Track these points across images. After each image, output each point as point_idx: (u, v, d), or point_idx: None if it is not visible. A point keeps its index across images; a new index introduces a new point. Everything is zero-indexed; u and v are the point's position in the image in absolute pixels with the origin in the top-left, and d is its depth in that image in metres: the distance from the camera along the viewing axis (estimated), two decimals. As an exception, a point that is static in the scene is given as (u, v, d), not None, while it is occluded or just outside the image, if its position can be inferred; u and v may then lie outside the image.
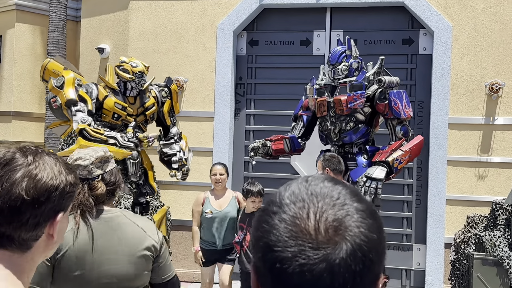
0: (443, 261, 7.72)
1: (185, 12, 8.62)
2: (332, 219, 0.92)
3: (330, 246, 0.90)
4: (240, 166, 8.42)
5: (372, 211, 0.96)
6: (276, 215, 0.94)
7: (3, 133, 10.79)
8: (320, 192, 0.95)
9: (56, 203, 1.38)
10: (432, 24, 7.82)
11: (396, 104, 5.60)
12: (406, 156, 5.55)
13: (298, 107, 6.32)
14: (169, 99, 5.96)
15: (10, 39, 10.84)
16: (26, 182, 1.34)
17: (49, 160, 1.41)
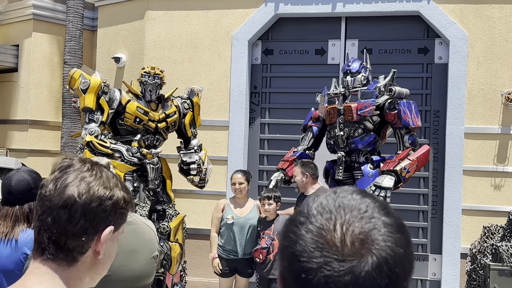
0: (459, 272, 7.67)
1: (200, 21, 8.67)
2: (359, 232, 0.92)
3: (355, 259, 0.90)
4: (255, 175, 8.42)
5: (400, 225, 0.95)
6: (303, 226, 0.95)
7: (20, 142, 10.89)
8: (348, 204, 0.95)
9: (107, 214, 1.37)
10: (448, 33, 7.81)
11: (405, 114, 5.63)
12: (414, 165, 5.59)
13: (308, 118, 6.38)
14: (191, 111, 5.99)
15: (27, 48, 10.96)
16: (80, 185, 1.35)
17: (106, 172, 1.43)
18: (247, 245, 6.17)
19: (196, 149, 5.99)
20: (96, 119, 5.37)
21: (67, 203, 1.33)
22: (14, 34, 11.26)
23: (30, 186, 3.27)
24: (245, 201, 6.35)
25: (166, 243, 5.69)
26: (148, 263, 2.93)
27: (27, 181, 3.28)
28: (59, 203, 1.34)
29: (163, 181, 5.88)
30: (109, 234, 1.38)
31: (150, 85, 5.68)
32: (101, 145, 5.26)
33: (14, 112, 11.08)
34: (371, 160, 5.78)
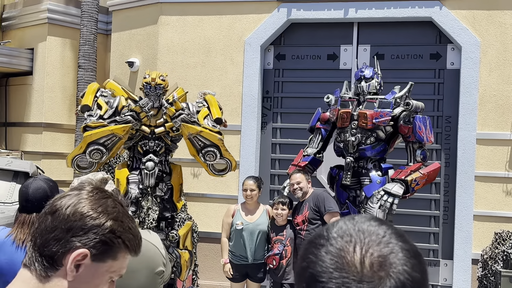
0: (470, 277, 7.66)
1: (213, 26, 8.74)
2: (378, 255, 0.94)
3: (374, 281, 0.92)
4: (267, 179, 8.46)
5: (416, 252, 0.98)
6: (323, 248, 0.97)
7: (34, 144, 11.01)
8: (367, 229, 0.99)
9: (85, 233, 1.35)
10: (460, 39, 7.82)
11: (421, 129, 5.67)
12: (423, 179, 5.66)
13: (315, 119, 6.36)
14: (205, 106, 5.82)
15: (42, 52, 11.07)
16: (71, 199, 1.40)
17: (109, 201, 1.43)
18: (257, 251, 6.20)
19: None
20: (94, 114, 5.43)
21: (53, 210, 1.39)
22: (29, 38, 11.38)
23: (47, 194, 3.31)
24: (256, 207, 6.38)
25: (176, 251, 5.71)
26: (150, 281, 2.91)
27: (44, 189, 3.34)
28: (48, 209, 1.40)
29: (170, 189, 5.80)
30: (80, 256, 1.34)
31: (152, 96, 5.61)
32: (96, 123, 5.35)
33: (28, 115, 11.19)
34: (380, 167, 5.82)
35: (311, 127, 6.42)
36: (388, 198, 5.55)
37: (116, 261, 1.39)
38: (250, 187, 6.27)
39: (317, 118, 6.32)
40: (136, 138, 5.65)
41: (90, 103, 5.44)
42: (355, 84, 6.00)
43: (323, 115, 6.24)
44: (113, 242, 1.37)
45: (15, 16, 11.62)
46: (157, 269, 2.97)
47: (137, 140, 5.67)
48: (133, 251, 1.43)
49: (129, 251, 1.41)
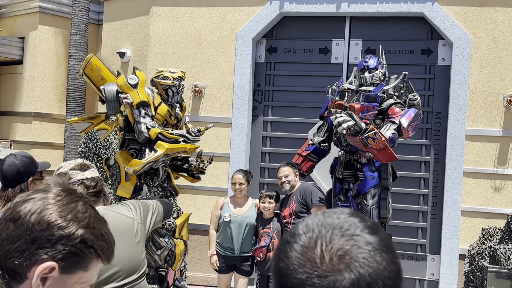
0: (457, 273, 7.72)
1: (205, 18, 8.71)
2: (337, 248, 0.96)
3: (334, 274, 0.94)
4: (257, 172, 8.47)
5: (385, 245, 0.98)
6: (289, 245, 1.01)
7: (24, 134, 10.96)
8: (331, 223, 1.00)
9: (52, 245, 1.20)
10: (451, 35, 7.84)
11: (410, 116, 5.52)
12: (380, 145, 5.26)
13: (324, 107, 6.18)
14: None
15: (33, 41, 11.01)
16: (35, 204, 1.24)
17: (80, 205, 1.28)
18: (244, 243, 6.21)
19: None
20: (149, 113, 5.38)
21: (15, 217, 1.23)
22: (20, 26, 11.31)
23: (19, 169, 3.57)
24: (244, 200, 6.38)
25: (171, 239, 5.71)
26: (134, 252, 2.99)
27: (16, 165, 3.57)
28: (9, 215, 1.24)
29: (167, 175, 5.85)
30: (47, 270, 1.19)
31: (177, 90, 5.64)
32: (170, 133, 5.34)
33: (18, 104, 11.14)
34: (373, 162, 5.75)
35: (321, 115, 6.32)
36: (346, 117, 5.31)
37: (87, 272, 1.26)
38: (239, 181, 6.27)
39: (326, 106, 6.13)
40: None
41: (148, 99, 5.37)
42: (358, 74, 5.87)
43: (330, 103, 6.05)
44: (84, 253, 1.23)
45: (6, 4, 11.54)
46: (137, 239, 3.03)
47: None
48: (106, 259, 1.30)
49: (101, 260, 1.28)
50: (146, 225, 3.15)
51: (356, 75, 5.95)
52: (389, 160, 5.54)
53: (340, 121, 5.31)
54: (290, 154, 7.24)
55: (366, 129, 5.30)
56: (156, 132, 5.27)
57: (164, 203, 3.44)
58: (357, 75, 5.92)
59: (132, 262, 3.00)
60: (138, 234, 3.04)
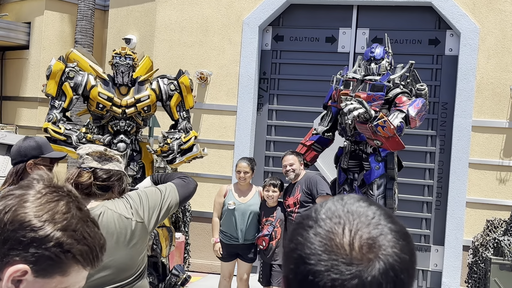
0: (461, 264, 7.71)
1: (212, 5, 8.67)
2: (367, 237, 0.93)
3: (363, 263, 0.91)
4: (261, 161, 8.46)
5: (405, 233, 0.97)
6: (311, 229, 0.96)
7: (29, 119, 10.97)
8: (356, 210, 0.97)
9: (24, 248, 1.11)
10: (459, 26, 7.78)
11: (418, 106, 5.49)
12: (389, 132, 5.25)
13: (328, 96, 6.16)
14: (178, 92, 5.69)
15: (39, 26, 10.99)
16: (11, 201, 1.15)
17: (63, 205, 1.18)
18: (248, 231, 6.17)
19: (180, 129, 5.72)
20: (57, 106, 5.39)
21: None
22: (26, 11, 11.29)
23: (19, 149, 3.63)
24: (248, 188, 6.34)
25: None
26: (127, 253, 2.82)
27: (18, 145, 3.65)
28: None
29: (142, 168, 5.69)
30: (19, 273, 1.11)
31: (121, 66, 5.46)
32: (55, 132, 5.30)
33: (24, 89, 11.14)
34: (379, 152, 5.71)
35: (324, 105, 6.25)
36: (356, 105, 5.29)
37: (67, 277, 1.16)
38: (243, 169, 6.20)
39: (330, 95, 6.11)
40: (107, 118, 5.56)
41: (54, 92, 5.40)
42: (364, 64, 5.80)
43: (334, 93, 6.01)
44: (59, 257, 1.12)
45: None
46: (132, 241, 2.83)
47: (108, 120, 5.58)
48: (89, 264, 1.18)
49: (82, 266, 1.16)
50: (151, 223, 2.93)
51: (360, 64, 5.90)
52: (397, 148, 5.52)
53: (350, 108, 5.28)
54: (295, 143, 7.21)
55: (376, 117, 5.28)
56: (43, 126, 5.35)
57: (181, 185, 3.16)
58: (361, 64, 5.87)
59: (126, 265, 2.84)
60: (135, 234, 2.84)
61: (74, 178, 2.81)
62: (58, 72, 5.38)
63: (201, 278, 8.15)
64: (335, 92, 5.93)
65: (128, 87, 5.56)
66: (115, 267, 2.78)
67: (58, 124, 5.34)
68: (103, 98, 5.44)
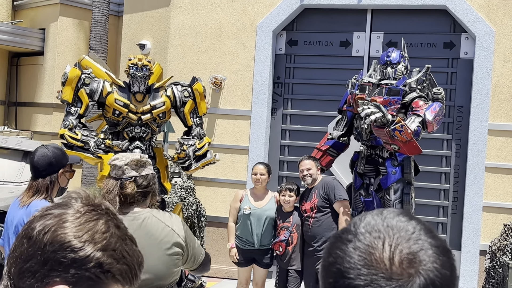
0: (478, 269, 7.65)
1: (225, 10, 8.68)
2: (407, 252, 0.93)
3: (403, 278, 0.91)
4: (276, 165, 8.45)
5: (445, 249, 0.96)
6: (351, 243, 0.96)
7: (44, 125, 11.04)
8: (396, 225, 0.97)
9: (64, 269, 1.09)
10: (475, 29, 7.73)
11: (435, 109, 5.46)
12: (406, 137, 5.23)
13: (343, 101, 6.14)
14: (192, 99, 5.77)
15: (54, 32, 11.07)
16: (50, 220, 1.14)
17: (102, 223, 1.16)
18: (264, 236, 6.14)
19: (194, 135, 5.79)
20: (73, 112, 5.39)
21: (29, 234, 1.13)
22: (41, 18, 11.37)
23: (51, 160, 3.63)
24: (264, 192, 6.30)
25: None
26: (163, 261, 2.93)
27: (48, 156, 3.64)
28: (24, 232, 1.15)
29: (157, 172, 5.68)
30: None
31: (138, 77, 5.52)
32: (72, 138, 5.29)
33: (39, 95, 11.22)
34: (395, 156, 5.67)
35: (339, 109, 6.22)
36: (373, 109, 5.26)
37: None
38: (260, 171, 6.19)
39: (345, 100, 6.09)
40: (123, 124, 5.60)
41: (70, 99, 5.40)
42: (379, 68, 5.78)
43: (349, 97, 6.00)
44: (99, 278, 1.11)
45: (27, -5, 11.60)
46: (170, 250, 2.97)
47: (123, 126, 5.62)
48: (128, 283, 1.16)
49: (121, 285, 1.15)
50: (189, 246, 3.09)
51: (376, 68, 5.88)
52: (414, 153, 5.49)
53: (368, 113, 5.26)
54: (309, 147, 7.20)
55: (393, 121, 5.26)
56: (60, 132, 5.32)
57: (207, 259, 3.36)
58: (377, 68, 5.85)
59: (163, 273, 2.96)
60: (175, 246, 2.99)
61: (118, 190, 2.97)
62: (74, 78, 5.40)
63: (216, 284, 8.15)
64: (350, 97, 5.92)
65: (144, 94, 5.61)
66: (154, 273, 2.91)
67: (74, 130, 5.35)
68: (120, 104, 5.49)
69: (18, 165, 8.01)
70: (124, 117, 5.53)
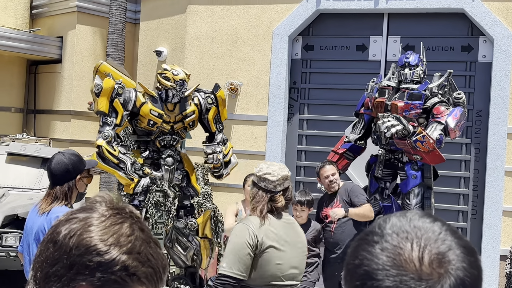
0: (498, 274, 7.55)
1: (241, 16, 8.69)
2: (436, 252, 0.92)
3: (432, 279, 0.90)
4: (293, 171, 8.41)
5: (472, 249, 0.96)
6: (377, 244, 0.95)
7: (63, 132, 11.12)
8: (423, 226, 0.96)
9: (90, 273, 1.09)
10: (493, 32, 7.66)
11: (456, 116, 5.40)
12: (428, 147, 5.21)
13: (360, 104, 6.11)
14: (215, 105, 5.82)
15: (71, 40, 11.16)
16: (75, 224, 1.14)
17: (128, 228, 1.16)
18: None
19: (219, 142, 5.85)
20: (110, 122, 5.36)
21: (54, 238, 1.14)
22: (58, 26, 11.47)
23: (67, 167, 3.66)
24: None
25: (195, 239, 5.73)
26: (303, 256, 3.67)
27: (64, 163, 3.68)
28: (49, 236, 1.16)
29: (186, 176, 5.82)
30: None
31: (180, 92, 5.55)
32: (109, 153, 5.25)
33: (57, 102, 11.30)
34: (415, 160, 5.61)
35: (356, 112, 6.18)
36: (394, 122, 5.23)
37: None
38: None
39: (362, 103, 6.05)
40: (156, 134, 5.64)
41: (106, 110, 5.36)
42: (398, 70, 5.74)
43: (367, 100, 5.94)
44: (125, 281, 1.12)
45: (45, 4, 11.72)
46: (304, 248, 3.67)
47: (156, 135, 5.67)
48: (153, 286, 1.17)
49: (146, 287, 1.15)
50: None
51: (394, 71, 5.85)
52: (437, 162, 5.46)
53: (388, 126, 5.24)
54: (326, 152, 7.16)
55: (414, 132, 5.23)
56: (97, 143, 5.26)
57: None
58: (395, 72, 5.82)
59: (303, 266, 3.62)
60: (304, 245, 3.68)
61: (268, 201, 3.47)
62: (110, 89, 5.37)
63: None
64: (368, 100, 5.88)
65: (174, 103, 5.65)
66: (300, 268, 3.54)
67: (112, 145, 5.31)
68: (154, 115, 5.52)
69: (37, 172, 8.07)
70: (158, 127, 5.57)
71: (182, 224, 5.74)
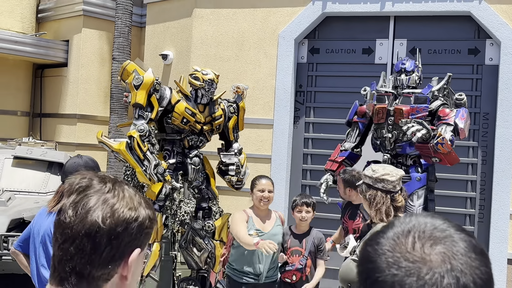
0: (506, 277, 7.51)
1: (247, 20, 8.69)
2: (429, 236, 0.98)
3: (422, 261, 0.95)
4: (298, 174, 8.41)
5: (478, 245, 1.00)
6: (381, 233, 1.03)
7: (69, 136, 11.14)
8: (425, 221, 1.02)
9: (134, 237, 1.24)
10: (499, 34, 7.63)
11: (463, 117, 5.43)
12: (447, 149, 5.23)
13: (352, 113, 6.17)
14: (236, 115, 5.95)
15: (77, 43, 11.18)
16: (103, 209, 1.23)
17: (128, 190, 1.30)
18: (271, 268, 5.24)
19: (236, 152, 5.95)
20: (145, 116, 5.38)
21: (90, 230, 1.21)
22: (64, 29, 11.50)
23: (80, 168, 3.70)
24: (268, 213, 5.45)
25: (211, 241, 5.73)
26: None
27: (78, 164, 3.78)
28: (81, 230, 1.21)
29: (206, 178, 5.88)
30: (136, 258, 1.25)
31: (209, 92, 5.62)
32: (139, 146, 5.24)
33: (63, 106, 11.33)
34: (420, 163, 5.62)
35: (348, 121, 6.23)
36: (418, 126, 5.21)
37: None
38: (268, 188, 5.34)
39: (354, 111, 6.12)
40: (186, 133, 5.67)
41: (144, 103, 5.37)
42: (393, 76, 5.80)
43: (360, 109, 6.03)
44: (151, 229, 1.30)
45: (51, 8, 11.76)
46: None
47: (186, 134, 5.69)
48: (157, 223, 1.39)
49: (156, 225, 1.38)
50: None
51: (385, 79, 5.94)
52: (454, 163, 5.53)
53: (413, 131, 5.26)
54: (333, 156, 7.14)
55: (435, 135, 5.27)
56: (131, 134, 5.27)
57: None
58: (388, 78, 5.91)
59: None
60: None
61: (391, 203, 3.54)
62: (150, 83, 5.39)
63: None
64: (366, 107, 5.93)
65: (204, 105, 5.71)
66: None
67: (143, 139, 5.32)
68: (189, 113, 5.56)
69: (43, 176, 8.07)
70: (190, 125, 5.60)
71: (199, 225, 5.77)
